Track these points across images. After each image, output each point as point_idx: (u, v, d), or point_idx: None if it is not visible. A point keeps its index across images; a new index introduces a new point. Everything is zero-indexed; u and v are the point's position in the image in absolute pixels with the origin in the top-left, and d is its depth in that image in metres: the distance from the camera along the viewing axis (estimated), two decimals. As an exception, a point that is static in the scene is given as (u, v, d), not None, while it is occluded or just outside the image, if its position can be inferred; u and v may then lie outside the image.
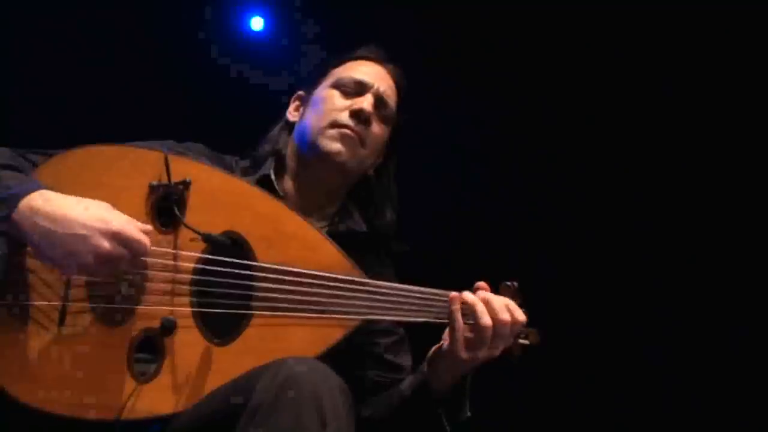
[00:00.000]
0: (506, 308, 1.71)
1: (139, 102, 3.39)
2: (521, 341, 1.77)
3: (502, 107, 3.62)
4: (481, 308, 1.69)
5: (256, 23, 3.86)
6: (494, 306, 1.70)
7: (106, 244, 1.51)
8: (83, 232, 1.51)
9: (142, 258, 1.59)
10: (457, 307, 1.70)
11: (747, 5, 3.37)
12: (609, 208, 3.59)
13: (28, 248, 1.58)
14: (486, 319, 1.68)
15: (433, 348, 1.81)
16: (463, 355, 1.71)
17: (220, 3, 3.79)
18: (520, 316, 1.73)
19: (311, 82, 2.12)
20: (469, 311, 1.70)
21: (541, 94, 3.61)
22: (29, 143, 1.78)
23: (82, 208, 1.55)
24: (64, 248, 1.51)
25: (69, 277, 1.59)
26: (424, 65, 3.45)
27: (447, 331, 1.75)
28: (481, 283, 1.76)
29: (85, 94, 3.35)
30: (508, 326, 1.70)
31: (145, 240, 1.56)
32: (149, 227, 1.61)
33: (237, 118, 3.22)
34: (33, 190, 1.56)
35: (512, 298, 1.78)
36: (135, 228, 1.56)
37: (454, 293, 1.71)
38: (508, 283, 1.80)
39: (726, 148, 3.51)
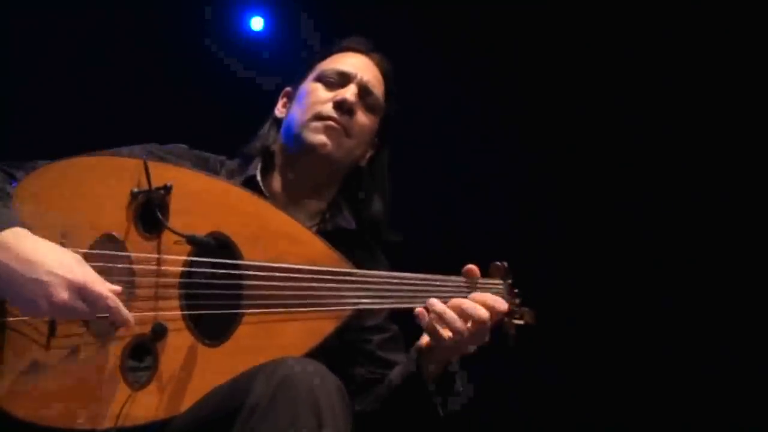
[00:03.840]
0: (480, 306, 1.68)
1: (139, 102, 3.41)
2: (516, 321, 1.75)
3: (499, 100, 3.64)
4: (451, 315, 1.66)
5: (256, 23, 3.89)
6: (467, 307, 1.67)
7: (64, 295, 1.49)
8: (46, 278, 1.49)
9: (103, 311, 1.54)
10: (427, 320, 1.68)
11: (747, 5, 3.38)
12: (605, 196, 3.60)
13: None
14: (459, 324, 1.66)
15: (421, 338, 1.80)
16: (447, 352, 1.72)
17: (220, 3, 3.82)
18: (501, 305, 1.70)
19: (299, 77, 2.11)
20: (441, 319, 1.67)
21: (537, 84, 3.63)
22: (32, 143, 1.79)
23: (52, 254, 1.53)
24: (22, 290, 1.50)
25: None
26: (423, 63, 3.46)
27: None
28: (470, 266, 1.74)
29: (85, 94, 3.38)
30: (486, 323, 1.67)
31: (110, 297, 1.53)
32: (118, 288, 1.57)
33: (237, 118, 3.21)
34: (6, 227, 1.55)
35: (502, 278, 1.76)
36: (101, 285, 1.53)
37: (420, 309, 1.68)
38: (498, 263, 1.77)
39: (726, 148, 3.51)
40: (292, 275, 1.67)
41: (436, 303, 1.67)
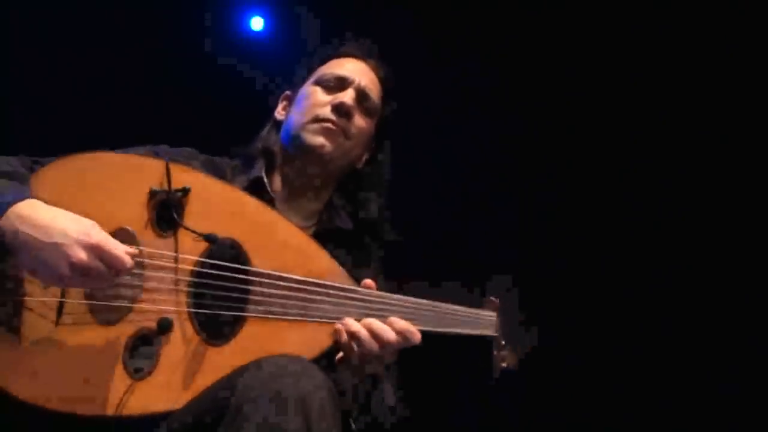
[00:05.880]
0: (389, 330, 1.74)
1: (139, 102, 3.43)
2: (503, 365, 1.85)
3: (501, 104, 3.71)
4: (365, 334, 1.72)
5: (256, 23, 3.93)
6: (376, 329, 1.73)
7: (82, 255, 1.52)
8: (62, 240, 1.52)
9: (120, 273, 1.58)
10: (344, 338, 1.74)
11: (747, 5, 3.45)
12: (605, 203, 3.68)
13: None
14: (372, 345, 1.72)
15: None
16: (360, 370, 1.78)
17: (220, 3, 3.86)
18: (413, 337, 1.75)
19: (298, 81, 2.19)
20: (356, 339, 1.73)
21: (538, 88, 3.69)
22: (31, 143, 1.81)
23: (68, 220, 1.57)
24: (40, 256, 1.52)
25: (46, 285, 1.61)
26: (424, 63, 3.52)
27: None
28: (367, 281, 1.81)
29: (84, 95, 3.39)
30: (394, 344, 1.74)
31: (126, 259, 1.57)
32: (135, 251, 1.63)
33: (237, 118, 3.24)
34: (22, 199, 1.58)
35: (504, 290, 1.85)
36: (118, 246, 1.58)
37: (338, 326, 1.74)
38: (493, 299, 1.86)
39: (726, 149, 3.58)
40: (297, 286, 1.74)
41: (351, 323, 1.73)
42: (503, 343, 1.87)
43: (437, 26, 3.71)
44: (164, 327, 1.67)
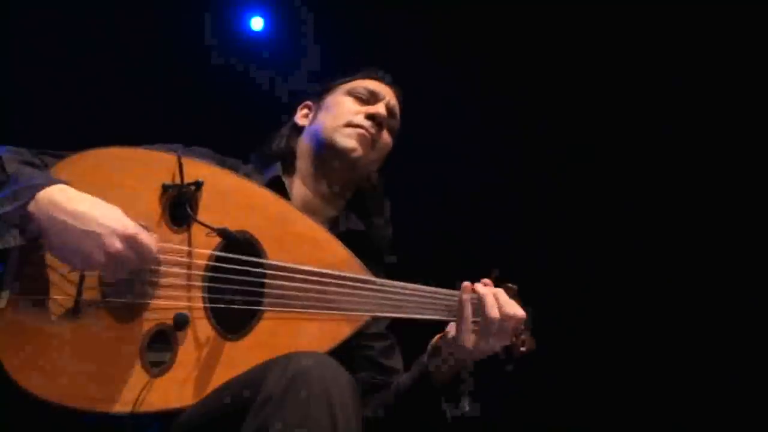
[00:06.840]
0: (512, 304, 1.79)
1: (139, 102, 3.40)
2: (522, 349, 1.84)
3: (501, 106, 3.70)
4: (491, 300, 1.76)
5: (256, 23, 3.91)
6: (502, 300, 1.77)
7: (118, 245, 1.53)
8: (98, 230, 1.53)
9: (149, 264, 1.61)
10: (467, 296, 1.77)
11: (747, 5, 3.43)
12: (606, 206, 3.67)
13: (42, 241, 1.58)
14: (495, 312, 1.75)
15: (435, 338, 1.87)
16: (468, 344, 1.78)
17: (220, 3, 3.83)
18: (521, 312, 1.80)
19: (317, 94, 2.21)
20: (478, 303, 1.77)
21: (538, 90, 3.68)
22: (29, 145, 1.80)
23: (99, 207, 1.57)
24: (77, 243, 1.53)
25: (79, 271, 1.60)
26: (422, 66, 3.50)
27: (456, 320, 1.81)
28: (486, 280, 1.82)
29: (85, 95, 3.36)
30: (513, 321, 1.77)
31: (155, 249, 1.60)
32: (156, 236, 1.64)
33: (237, 118, 3.26)
34: (53, 183, 1.58)
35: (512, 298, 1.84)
36: (148, 235, 1.59)
37: (466, 282, 1.78)
38: (510, 285, 1.86)
39: (726, 149, 3.57)
40: (314, 278, 1.73)
41: (480, 286, 1.78)
42: (522, 327, 1.86)
43: (436, 26, 3.69)
44: (181, 323, 1.65)
